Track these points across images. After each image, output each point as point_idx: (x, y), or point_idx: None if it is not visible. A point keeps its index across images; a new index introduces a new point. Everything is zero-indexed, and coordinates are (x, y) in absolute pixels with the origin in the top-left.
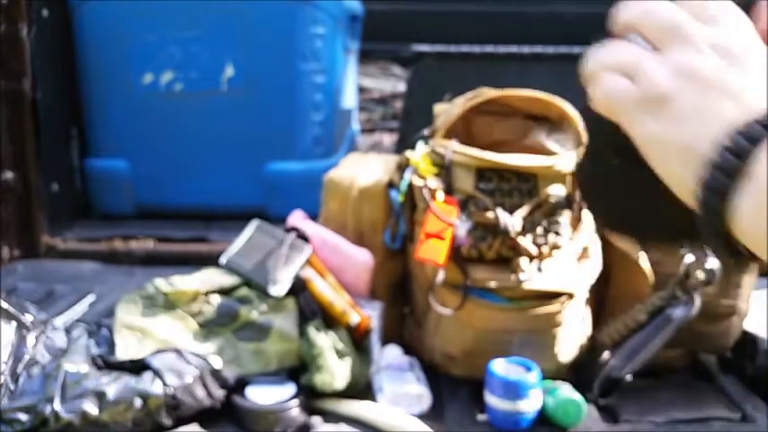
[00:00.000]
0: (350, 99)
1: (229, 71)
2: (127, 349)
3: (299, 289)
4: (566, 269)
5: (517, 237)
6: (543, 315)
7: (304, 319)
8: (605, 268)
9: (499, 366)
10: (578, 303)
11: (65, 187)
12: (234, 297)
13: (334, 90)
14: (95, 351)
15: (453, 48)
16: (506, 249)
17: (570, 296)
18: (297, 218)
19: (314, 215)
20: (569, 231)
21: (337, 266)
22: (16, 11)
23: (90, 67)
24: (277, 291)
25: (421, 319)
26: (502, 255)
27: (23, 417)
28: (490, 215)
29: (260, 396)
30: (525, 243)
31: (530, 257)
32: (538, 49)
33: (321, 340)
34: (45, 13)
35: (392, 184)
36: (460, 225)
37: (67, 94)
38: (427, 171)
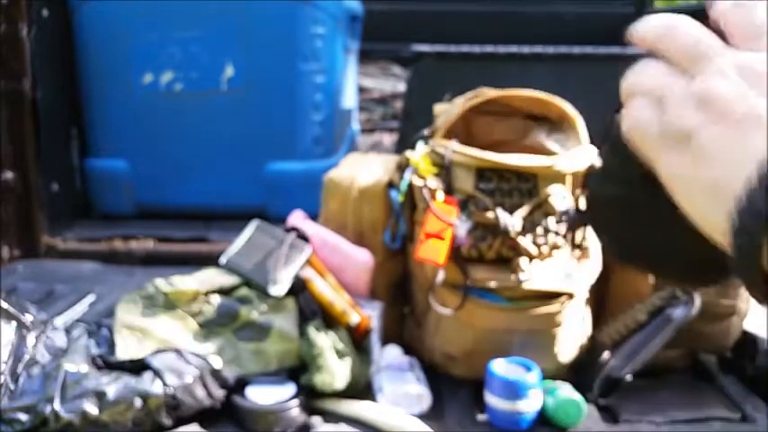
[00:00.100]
0: (350, 99)
1: (229, 71)
2: (127, 349)
3: (299, 289)
4: (566, 269)
5: (517, 237)
6: (543, 315)
7: (304, 319)
8: (605, 268)
9: (499, 366)
10: (578, 303)
11: (65, 187)
12: (234, 297)
13: (334, 90)
14: (95, 351)
15: (453, 48)
16: (506, 249)
17: (570, 296)
18: (297, 218)
19: (314, 215)
20: (569, 231)
21: (337, 266)
22: (16, 11)
23: (90, 67)
24: (277, 291)
25: (421, 319)
26: (502, 255)
27: (23, 417)
28: (490, 215)
29: (260, 396)
30: (525, 243)
31: (530, 257)
32: (538, 49)
33: (321, 340)
34: (45, 13)
35: (392, 184)
36: (460, 225)
37: (67, 94)
38: (427, 171)
